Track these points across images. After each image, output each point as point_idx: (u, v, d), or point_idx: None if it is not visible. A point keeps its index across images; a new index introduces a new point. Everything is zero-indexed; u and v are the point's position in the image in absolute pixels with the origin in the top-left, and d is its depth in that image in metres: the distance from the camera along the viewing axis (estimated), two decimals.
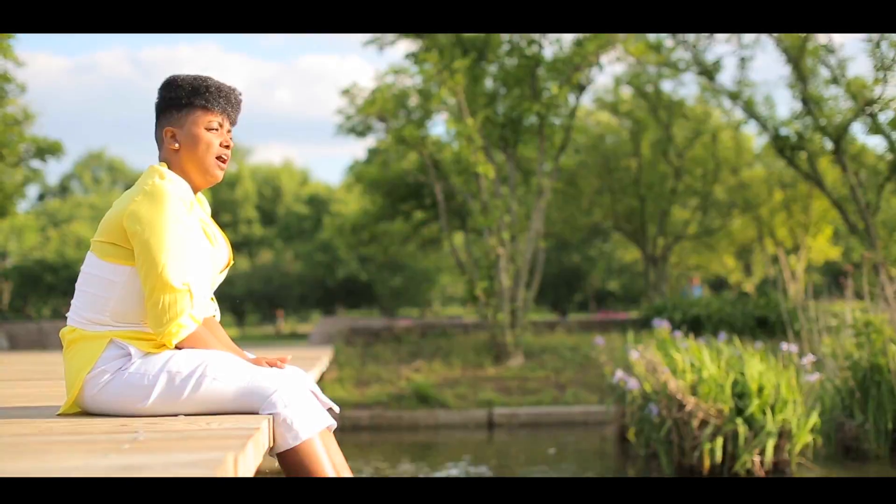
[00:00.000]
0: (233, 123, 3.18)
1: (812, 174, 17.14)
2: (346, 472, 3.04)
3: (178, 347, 2.94)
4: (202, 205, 3.22)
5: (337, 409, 3.17)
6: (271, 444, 2.81)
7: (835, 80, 16.40)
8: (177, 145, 3.08)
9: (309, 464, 2.83)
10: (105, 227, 2.99)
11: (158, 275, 2.86)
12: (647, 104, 23.28)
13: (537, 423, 12.05)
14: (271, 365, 3.02)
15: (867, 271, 10.40)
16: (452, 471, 8.60)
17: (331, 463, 2.90)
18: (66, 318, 3.10)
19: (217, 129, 3.11)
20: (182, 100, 3.09)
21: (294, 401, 2.87)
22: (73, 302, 3.07)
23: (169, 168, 3.09)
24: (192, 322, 2.93)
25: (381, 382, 13.30)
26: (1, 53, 14.98)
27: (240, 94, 3.20)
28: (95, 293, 2.98)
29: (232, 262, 3.29)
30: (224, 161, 3.14)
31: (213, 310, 3.26)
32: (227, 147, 3.14)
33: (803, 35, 15.95)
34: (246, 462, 2.21)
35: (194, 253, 2.95)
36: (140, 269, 2.90)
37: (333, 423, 3.00)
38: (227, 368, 2.91)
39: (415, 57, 16.38)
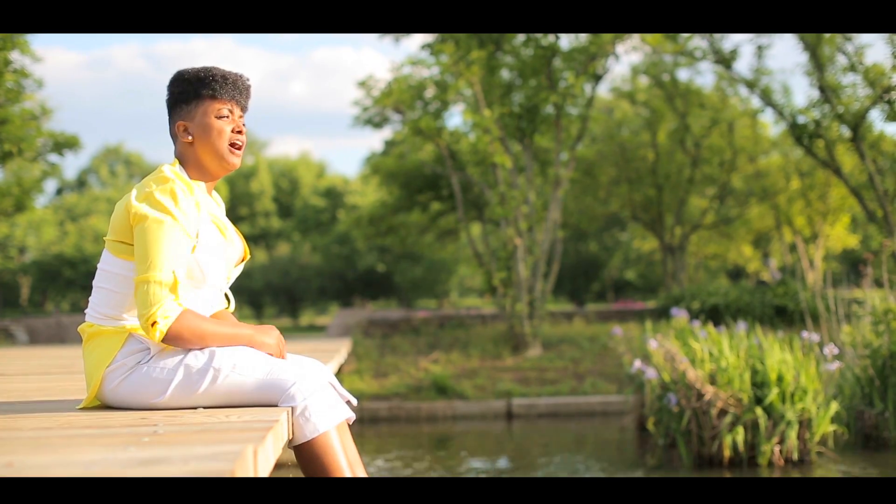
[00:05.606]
0: (243, 110, 3.19)
1: (830, 162, 17.05)
2: (359, 468, 3.03)
3: (167, 339, 2.86)
4: (216, 202, 3.22)
5: (355, 401, 3.17)
6: (290, 437, 2.82)
7: (852, 68, 16.32)
8: (190, 138, 3.10)
9: (324, 456, 2.83)
10: (113, 226, 3.01)
11: (146, 269, 2.85)
12: (663, 93, 23.19)
13: (556, 414, 12.05)
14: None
15: (886, 259, 10.35)
16: (475, 463, 8.60)
17: (346, 457, 2.91)
18: (84, 312, 3.11)
19: (227, 117, 3.12)
20: (190, 93, 3.11)
21: (313, 393, 2.87)
22: (90, 298, 3.09)
23: (184, 162, 3.11)
24: (176, 306, 2.86)
25: (399, 374, 13.31)
26: (18, 49, 15.04)
27: (247, 80, 3.20)
28: (111, 289, 3.00)
29: (248, 257, 3.29)
30: (239, 147, 3.15)
31: (228, 301, 3.27)
32: (240, 133, 3.15)
33: None
34: (266, 454, 2.22)
35: (183, 250, 2.91)
36: (135, 263, 2.91)
37: (352, 416, 3.00)
38: (245, 362, 2.92)
39: (431, 48, 16.40)
